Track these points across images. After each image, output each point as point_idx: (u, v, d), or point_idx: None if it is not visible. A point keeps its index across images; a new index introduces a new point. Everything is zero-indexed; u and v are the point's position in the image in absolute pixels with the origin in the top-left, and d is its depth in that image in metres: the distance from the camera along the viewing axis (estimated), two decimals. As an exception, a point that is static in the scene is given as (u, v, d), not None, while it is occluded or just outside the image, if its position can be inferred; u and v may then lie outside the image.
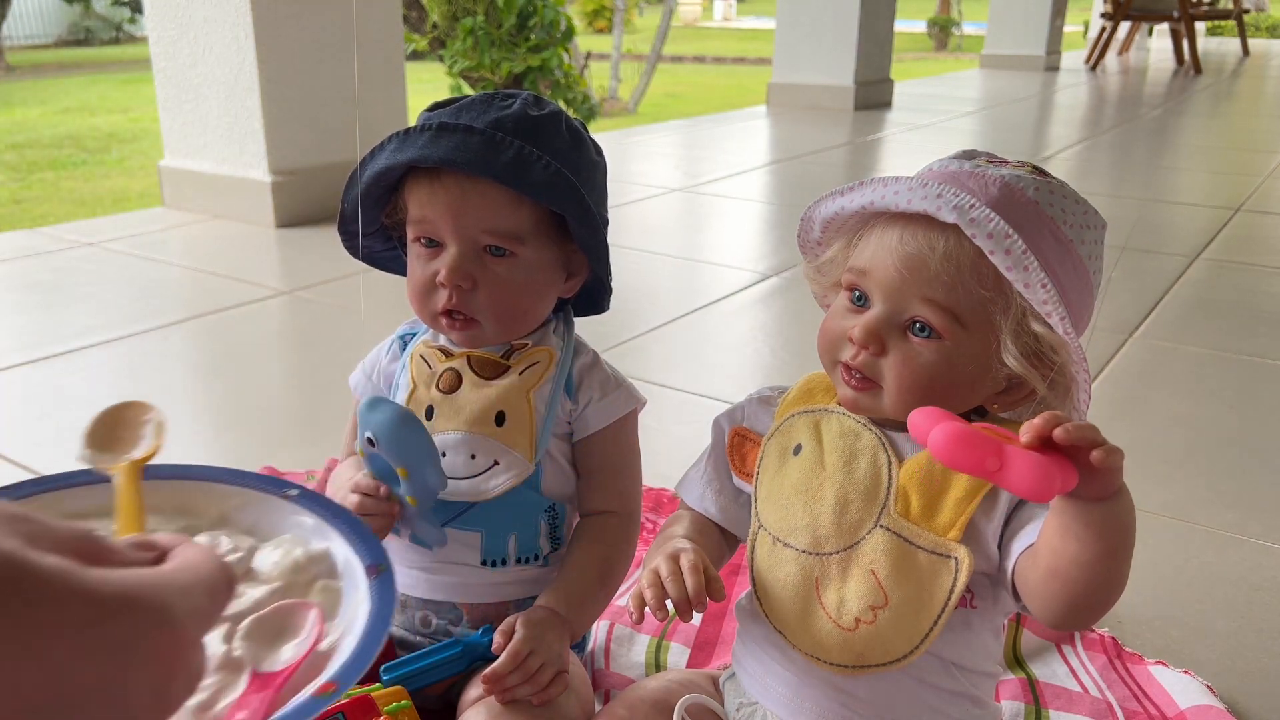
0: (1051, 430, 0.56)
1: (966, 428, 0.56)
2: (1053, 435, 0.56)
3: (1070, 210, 0.70)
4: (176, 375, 1.81)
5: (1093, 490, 0.59)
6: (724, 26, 22.64)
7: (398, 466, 0.80)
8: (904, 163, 4.08)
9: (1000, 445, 0.56)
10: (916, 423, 0.58)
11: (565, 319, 0.93)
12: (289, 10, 2.72)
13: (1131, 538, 0.62)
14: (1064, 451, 0.57)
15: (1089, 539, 0.61)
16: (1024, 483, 0.55)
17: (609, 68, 10.21)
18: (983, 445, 0.56)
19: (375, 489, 0.82)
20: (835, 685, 0.73)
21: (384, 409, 0.79)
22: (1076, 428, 0.56)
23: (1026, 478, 0.55)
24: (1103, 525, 0.60)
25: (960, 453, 0.56)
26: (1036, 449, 0.56)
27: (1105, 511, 0.60)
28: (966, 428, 0.56)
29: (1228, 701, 0.98)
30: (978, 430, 0.56)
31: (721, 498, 0.82)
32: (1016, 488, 0.56)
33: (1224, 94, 7.08)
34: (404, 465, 0.80)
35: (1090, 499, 0.59)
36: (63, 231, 2.79)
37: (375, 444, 0.80)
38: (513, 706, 0.78)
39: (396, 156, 0.82)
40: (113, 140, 6.40)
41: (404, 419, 0.79)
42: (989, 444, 0.56)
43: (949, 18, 16.84)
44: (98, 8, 14.18)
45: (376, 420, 0.79)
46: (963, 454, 0.56)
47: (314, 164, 2.86)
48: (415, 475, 0.80)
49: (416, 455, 0.79)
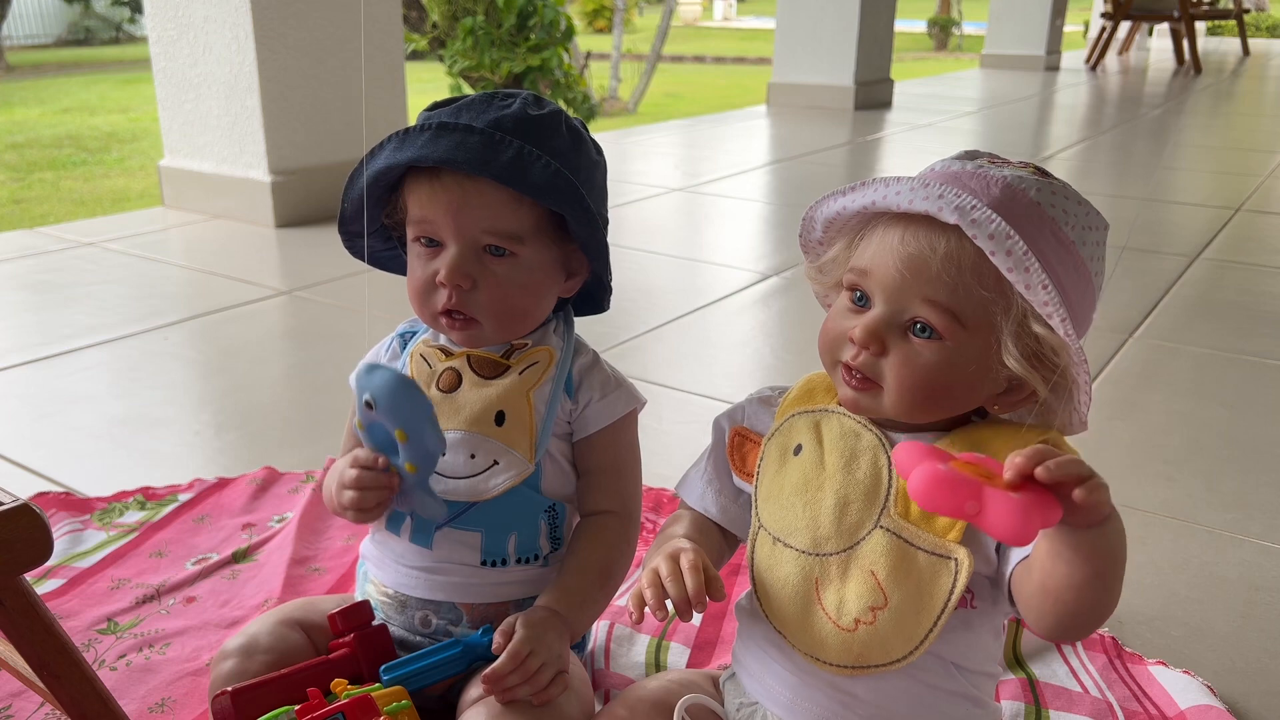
0: (1034, 469, 0.56)
1: (944, 471, 0.56)
2: (1034, 474, 0.56)
3: (1072, 211, 0.70)
4: (176, 375, 1.81)
5: (1079, 521, 0.59)
6: (724, 26, 22.64)
7: (396, 428, 0.79)
8: (904, 163, 4.08)
9: (979, 488, 0.55)
10: (899, 459, 0.59)
11: (565, 319, 0.93)
12: (289, 10, 2.72)
13: (1121, 561, 0.62)
14: (1048, 485, 0.56)
15: (1078, 563, 0.61)
16: (1002, 528, 0.55)
17: (609, 68, 10.21)
18: (961, 488, 0.55)
19: (374, 460, 0.82)
20: (835, 686, 0.73)
21: (382, 372, 0.79)
22: (1059, 465, 0.56)
23: (1004, 523, 0.55)
24: (1091, 551, 0.60)
25: (938, 496, 0.55)
26: (1019, 486, 0.56)
27: (1093, 537, 0.60)
28: (944, 471, 0.56)
29: (1228, 701, 0.98)
30: (957, 472, 0.56)
31: (722, 498, 0.82)
32: (995, 533, 0.55)
33: (1224, 94, 7.07)
34: (402, 427, 0.79)
35: (1078, 528, 0.60)
36: (63, 231, 2.79)
37: (374, 407, 0.80)
38: (513, 706, 0.78)
39: (396, 156, 0.82)
40: (113, 140, 6.40)
41: (402, 381, 0.78)
42: (968, 486, 0.55)
43: (949, 18, 16.83)
44: (98, 8, 14.17)
45: (375, 383, 0.79)
46: (940, 497, 0.55)
47: (314, 164, 2.86)
48: (414, 437, 0.79)
49: (415, 416, 0.79)
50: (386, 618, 0.91)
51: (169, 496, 1.34)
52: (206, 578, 1.16)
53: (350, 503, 0.83)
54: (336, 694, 0.78)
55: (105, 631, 1.06)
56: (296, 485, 1.37)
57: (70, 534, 1.24)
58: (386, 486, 0.82)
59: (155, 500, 1.33)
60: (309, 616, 0.90)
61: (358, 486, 0.82)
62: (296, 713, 0.75)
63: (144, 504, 1.32)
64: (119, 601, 1.11)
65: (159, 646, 1.04)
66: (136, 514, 1.30)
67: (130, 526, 1.27)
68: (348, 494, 0.83)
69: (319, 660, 0.83)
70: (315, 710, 0.75)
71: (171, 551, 1.22)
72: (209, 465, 1.46)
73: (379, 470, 0.82)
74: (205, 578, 1.16)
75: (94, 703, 0.71)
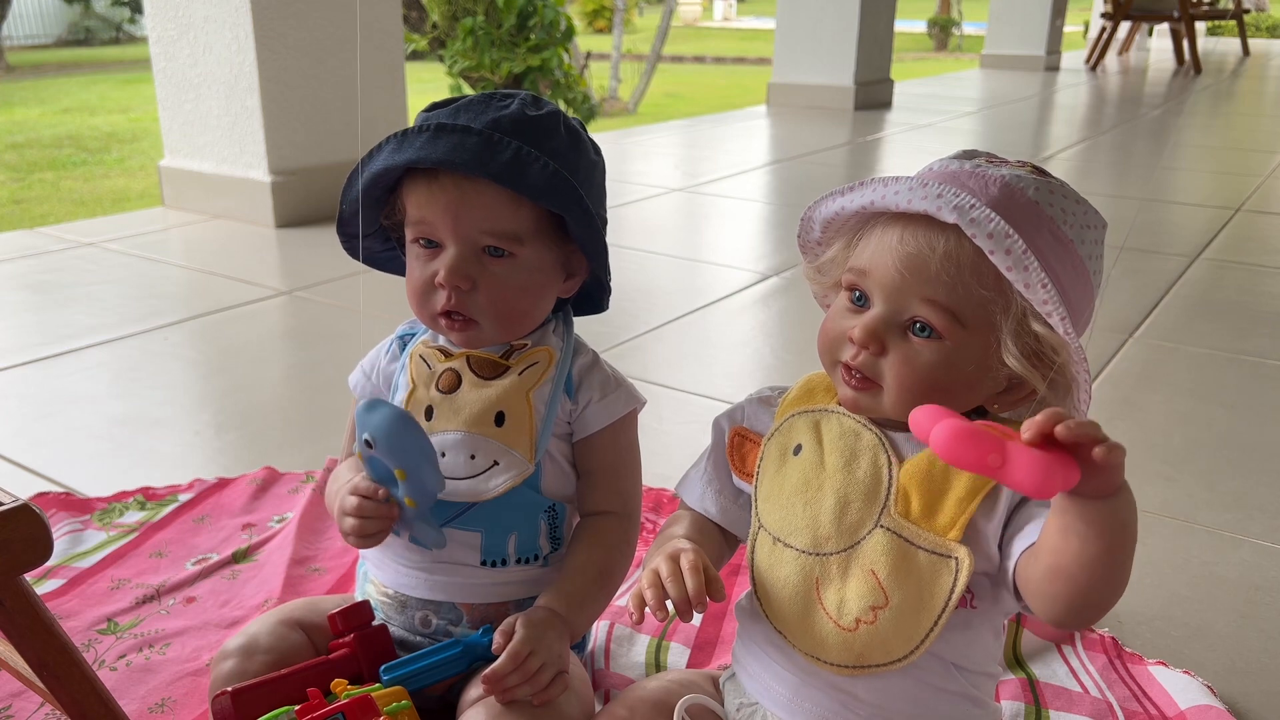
0: (1053, 427, 0.56)
1: (968, 424, 0.56)
2: (1054, 432, 0.56)
3: (1070, 210, 0.70)
4: (176, 375, 1.81)
5: (1094, 487, 0.58)
6: (724, 26, 22.64)
7: (395, 468, 0.80)
8: (904, 163, 4.08)
9: (1002, 442, 0.56)
10: (918, 420, 0.58)
11: (565, 319, 0.93)
12: (289, 10, 2.72)
13: (1133, 536, 0.62)
14: (1066, 448, 0.56)
15: (1091, 537, 0.60)
16: (1026, 479, 0.55)
17: (609, 68, 10.21)
18: (985, 441, 0.55)
19: (374, 491, 0.83)
20: (835, 685, 0.73)
21: (381, 411, 0.79)
22: (1078, 424, 0.56)
23: (1029, 474, 0.55)
24: (1104, 523, 0.60)
25: (962, 449, 0.56)
26: (1038, 446, 0.56)
27: (1107, 509, 0.60)
28: (968, 424, 0.56)
29: (1228, 701, 0.98)
30: (979, 427, 0.56)
31: (721, 498, 0.82)
32: (1019, 484, 0.55)
33: (1224, 94, 7.07)
34: (402, 467, 0.80)
35: (1092, 496, 0.59)
36: (63, 231, 2.79)
37: (373, 446, 0.80)
38: (513, 707, 0.78)
39: (394, 157, 0.82)
40: (113, 140, 6.40)
41: (402, 420, 0.79)
42: (991, 440, 0.55)
43: (949, 18, 16.83)
44: (98, 8, 14.17)
45: (374, 422, 0.79)
46: (965, 450, 0.56)
47: (314, 164, 2.86)
48: (413, 477, 0.80)
49: (414, 457, 0.79)
50: (386, 618, 0.91)
51: (169, 497, 1.34)
52: (206, 578, 1.16)
53: (351, 530, 0.83)
54: (336, 694, 0.78)
55: (105, 631, 1.06)
56: (296, 485, 1.37)
57: (70, 534, 1.24)
58: (387, 516, 0.83)
59: (155, 500, 1.33)
60: (309, 616, 0.90)
61: (359, 515, 0.83)
62: (296, 713, 0.75)
63: (144, 504, 1.32)
64: (119, 602, 1.11)
65: (159, 647, 1.04)
66: (136, 514, 1.30)
67: (130, 527, 1.27)
68: (349, 521, 0.83)
69: (319, 660, 0.83)
70: (315, 710, 0.75)
71: (171, 552, 1.22)
72: (209, 465, 1.46)
73: (379, 501, 0.83)
74: (205, 578, 1.16)
75: (94, 703, 0.71)
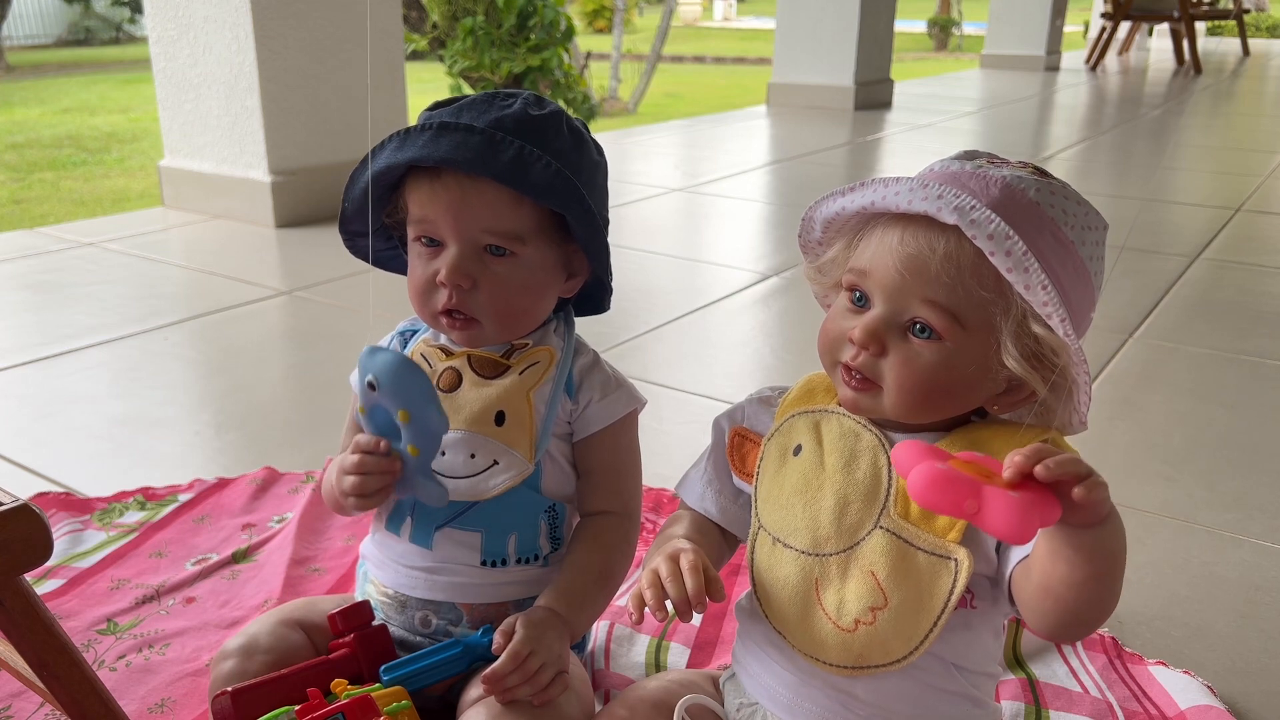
0: (1033, 467, 0.56)
1: (943, 470, 0.56)
2: (1034, 472, 0.56)
3: (1071, 211, 0.70)
4: (176, 375, 1.81)
5: (1078, 520, 0.59)
6: (724, 26, 22.63)
7: (399, 409, 0.79)
8: (904, 163, 4.08)
9: (979, 487, 0.55)
10: (899, 458, 0.59)
11: (566, 319, 0.93)
12: (289, 10, 2.72)
13: (1121, 561, 0.62)
14: (1048, 484, 0.56)
15: (1079, 562, 0.61)
16: (1002, 526, 0.55)
17: (609, 68, 10.21)
18: (961, 487, 0.55)
19: (376, 445, 0.82)
20: (835, 686, 0.73)
21: (384, 354, 0.79)
22: (1058, 464, 0.56)
23: (1004, 522, 0.55)
24: (1091, 550, 0.60)
25: (937, 495, 0.56)
26: (1019, 485, 0.56)
27: (1092, 538, 0.60)
28: (943, 470, 0.56)
29: (1228, 701, 0.98)
30: (956, 471, 0.56)
31: (721, 498, 0.82)
32: (994, 531, 0.55)
33: (1224, 94, 7.07)
34: (405, 407, 0.79)
35: (1077, 527, 0.60)
36: (63, 231, 2.79)
37: (376, 388, 0.79)
38: (513, 707, 0.78)
39: (397, 156, 0.82)
40: (113, 140, 6.40)
41: (404, 361, 0.78)
42: (967, 485, 0.55)
43: (949, 18, 16.83)
44: (98, 8, 14.17)
45: (377, 364, 0.79)
46: (940, 497, 0.56)
47: (314, 164, 2.86)
48: (416, 417, 0.79)
49: (418, 395, 0.79)
50: (386, 618, 0.91)
51: (169, 497, 1.34)
52: (206, 578, 1.16)
53: (352, 488, 0.82)
54: (336, 694, 0.78)
55: (105, 632, 1.06)
56: (296, 485, 1.37)
57: (70, 534, 1.24)
58: (388, 471, 0.82)
59: (155, 500, 1.33)
60: (309, 616, 0.90)
61: (359, 471, 0.82)
62: (296, 713, 0.75)
63: (144, 504, 1.32)
64: (119, 602, 1.11)
65: (159, 647, 1.04)
66: (136, 514, 1.30)
67: (130, 527, 1.27)
68: (349, 479, 0.82)
69: (319, 660, 0.83)
70: (315, 710, 0.75)
71: (171, 552, 1.22)
72: (209, 465, 1.46)
73: (381, 454, 0.82)
74: (205, 578, 1.16)
75: (94, 703, 0.71)
